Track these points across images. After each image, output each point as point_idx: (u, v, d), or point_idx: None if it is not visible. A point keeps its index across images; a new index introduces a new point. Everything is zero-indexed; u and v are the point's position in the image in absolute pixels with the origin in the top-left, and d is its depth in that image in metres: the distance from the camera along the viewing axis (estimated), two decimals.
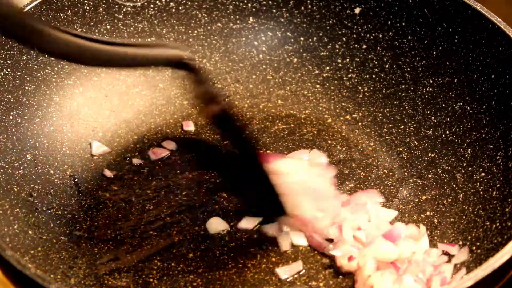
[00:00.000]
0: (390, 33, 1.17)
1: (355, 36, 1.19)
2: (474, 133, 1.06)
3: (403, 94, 1.15)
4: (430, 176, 1.07)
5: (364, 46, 1.19)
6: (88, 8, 1.14)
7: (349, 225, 0.99)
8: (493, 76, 1.06)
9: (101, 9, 1.15)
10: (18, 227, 0.96)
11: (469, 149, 1.06)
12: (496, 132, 1.03)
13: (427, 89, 1.13)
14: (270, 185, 1.02)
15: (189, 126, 1.15)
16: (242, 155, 1.07)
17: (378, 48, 1.18)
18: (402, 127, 1.13)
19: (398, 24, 1.16)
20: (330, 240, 0.99)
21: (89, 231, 1.02)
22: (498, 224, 0.95)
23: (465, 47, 1.09)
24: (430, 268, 0.93)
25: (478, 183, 1.02)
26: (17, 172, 1.02)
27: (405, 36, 1.15)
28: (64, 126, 1.11)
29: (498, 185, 1.00)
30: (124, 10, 1.17)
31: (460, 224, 1.00)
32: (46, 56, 1.04)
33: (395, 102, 1.15)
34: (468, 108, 1.08)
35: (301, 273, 0.97)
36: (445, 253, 0.97)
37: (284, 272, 0.97)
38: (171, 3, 1.19)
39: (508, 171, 0.99)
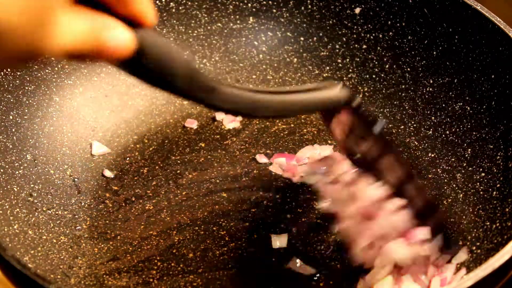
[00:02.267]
0: (390, 33, 1.17)
1: (355, 36, 1.19)
2: (474, 133, 1.06)
3: (403, 94, 1.15)
4: (430, 176, 1.07)
5: (364, 46, 1.19)
6: None
7: None
8: (493, 76, 1.06)
9: None
10: (18, 227, 0.96)
11: (469, 149, 1.06)
12: (496, 132, 1.03)
13: (427, 89, 1.13)
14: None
15: (192, 124, 1.15)
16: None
17: (378, 48, 1.18)
18: (402, 127, 1.13)
19: (398, 24, 1.16)
20: None
21: (89, 231, 1.02)
22: (498, 224, 0.95)
23: (465, 47, 1.09)
24: (432, 268, 0.93)
25: (478, 183, 1.02)
26: (17, 172, 1.02)
27: (405, 36, 1.15)
28: (64, 126, 1.11)
29: (498, 185, 1.00)
30: None
31: (460, 224, 1.00)
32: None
33: (395, 102, 1.15)
34: (468, 108, 1.08)
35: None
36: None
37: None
38: (171, 3, 1.19)
39: (508, 171, 0.99)
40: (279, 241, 1.00)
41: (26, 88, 1.08)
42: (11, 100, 1.05)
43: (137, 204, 1.05)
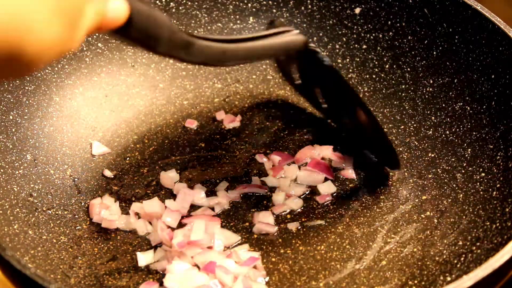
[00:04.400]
0: (390, 33, 1.17)
1: (355, 36, 1.19)
2: (474, 133, 1.06)
3: (403, 94, 1.15)
4: (430, 176, 1.07)
5: (364, 46, 1.19)
6: None
7: None
8: (493, 76, 1.06)
9: None
10: (18, 227, 0.96)
11: (469, 149, 1.06)
12: (496, 132, 1.03)
13: (427, 89, 1.13)
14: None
15: (192, 124, 1.15)
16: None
17: (378, 48, 1.18)
18: (402, 127, 1.13)
19: (398, 24, 1.16)
20: None
21: (89, 231, 1.02)
22: (498, 224, 0.95)
23: (465, 47, 1.09)
24: None
25: (478, 183, 1.02)
26: (17, 172, 1.02)
27: (405, 36, 1.15)
28: (64, 126, 1.11)
29: (498, 185, 1.00)
30: None
31: (460, 224, 1.00)
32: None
33: (395, 102, 1.15)
34: (468, 108, 1.08)
35: (301, 273, 0.97)
36: None
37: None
38: (171, 3, 1.20)
39: (508, 171, 0.99)
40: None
41: (26, 88, 1.08)
42: (11, 100, 1.06)
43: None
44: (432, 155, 1.09)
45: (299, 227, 1.02)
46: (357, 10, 1.19)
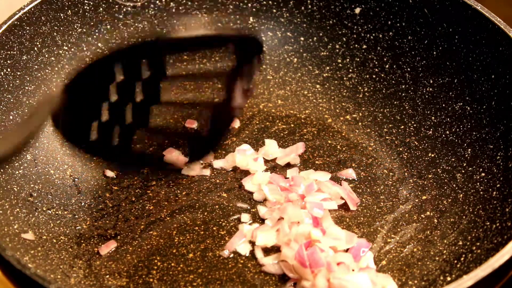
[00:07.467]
0: (390, 33, 1.17)
1: (355, 36, 1.19)
2: (474, 133, 1.06)
3: (403, 94, 1.15)
4: (430, 176, 1.07)
5: (364, 46, 1.19)
6: (88, 8, 1.14)
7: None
8: (493, 76, 1.06)
9: (101, 9, 1.15)
10: (18, 227, 0.96)
11: (469, 149, 1.06)
12: (496, 132, 1.03)
13: (427, 89, 1.13)
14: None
15: (193, 124, 1.15)
16: None
17: (378, 48, 1.18)
18: (402, 127, 1.13)
19: (398, 24, 1.16)
20: None
21: (89, 231, 1.02)
22: (498, 224, 0.95)
23: (465, 47, 1.09)
24: None
25: (478, 183, 1.02)
26: (17, 172, 1.02)
27: (405, 36, 1.16)
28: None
29: (498, 185, 1.00)
30: (124, 10, 1.17)
31: (460, 224, 1.00)
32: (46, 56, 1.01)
33: (395, 102, 1.15)
34: (468, 108, 1.08)
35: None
36: None
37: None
38: (171, 3, 1.20)
39: (508, 171, 0.99)
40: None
41: (26, 88, 1.08)
42: (11, 100, 1.05)
43: (137, 204, 1.05)
44: (432, 155, 1.09)
45: None
46: (357, 10, 1.19)
